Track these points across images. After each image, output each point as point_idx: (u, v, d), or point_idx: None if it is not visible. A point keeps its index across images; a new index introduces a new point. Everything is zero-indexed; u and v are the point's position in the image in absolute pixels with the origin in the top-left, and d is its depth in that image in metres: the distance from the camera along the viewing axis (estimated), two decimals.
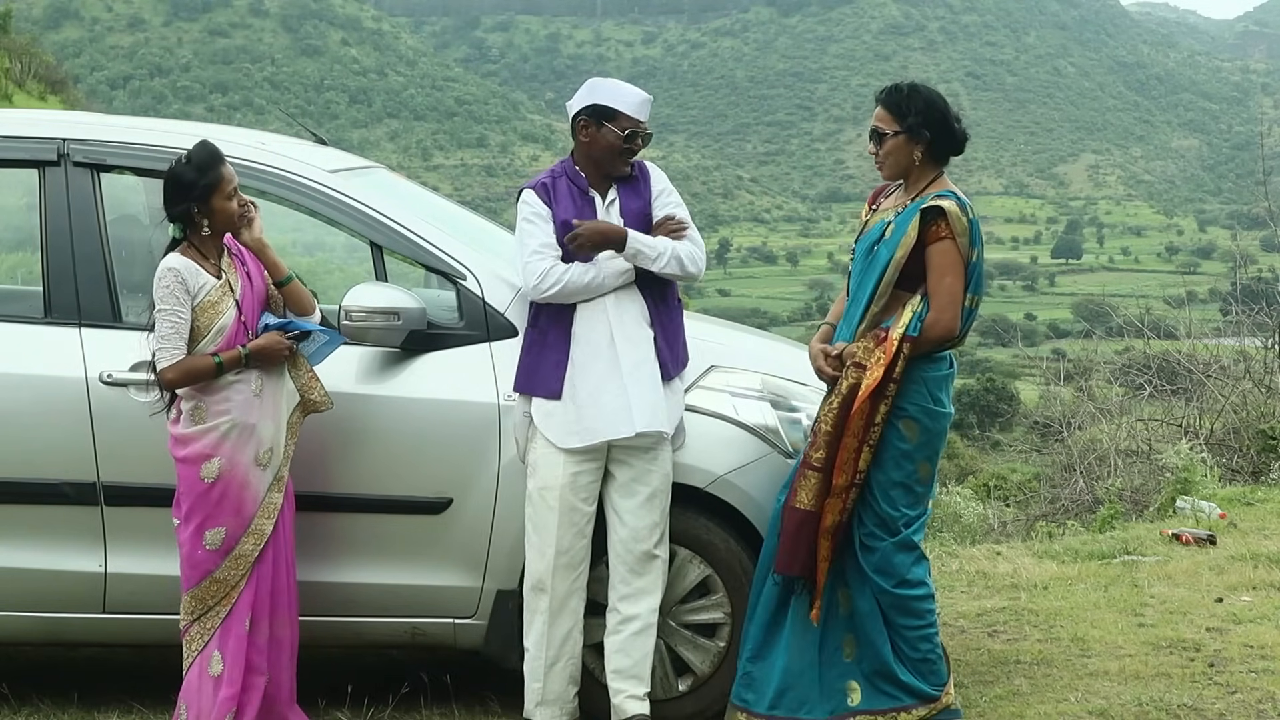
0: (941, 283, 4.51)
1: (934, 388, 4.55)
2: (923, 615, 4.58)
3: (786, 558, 4.52)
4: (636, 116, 4.64)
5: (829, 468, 4.49)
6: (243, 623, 4.44)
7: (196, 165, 4.43)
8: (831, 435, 4.49)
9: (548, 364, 4.60)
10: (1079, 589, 6.78)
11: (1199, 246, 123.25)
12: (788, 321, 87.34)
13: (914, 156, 4.61)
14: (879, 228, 4.66)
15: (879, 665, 4.56)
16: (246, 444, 4.44)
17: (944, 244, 4.51)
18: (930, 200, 4.55)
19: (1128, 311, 14.60)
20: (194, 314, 4.43)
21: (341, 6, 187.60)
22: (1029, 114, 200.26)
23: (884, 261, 4.56)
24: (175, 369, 4.39)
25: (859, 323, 4.59)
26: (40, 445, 4.76)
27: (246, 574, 4.45)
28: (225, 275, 4.50)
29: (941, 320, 4.50)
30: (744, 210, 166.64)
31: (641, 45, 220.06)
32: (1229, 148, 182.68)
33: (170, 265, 4.42)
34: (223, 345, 4.43)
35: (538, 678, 4.64)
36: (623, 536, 4.62)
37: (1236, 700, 5.04)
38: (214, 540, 4.43)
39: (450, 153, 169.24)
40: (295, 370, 4.57)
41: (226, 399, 4.43)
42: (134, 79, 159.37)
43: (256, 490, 4.47)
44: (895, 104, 4.63)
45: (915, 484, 4.56)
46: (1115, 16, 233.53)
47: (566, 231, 4.60)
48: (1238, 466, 10.83)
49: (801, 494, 4.51)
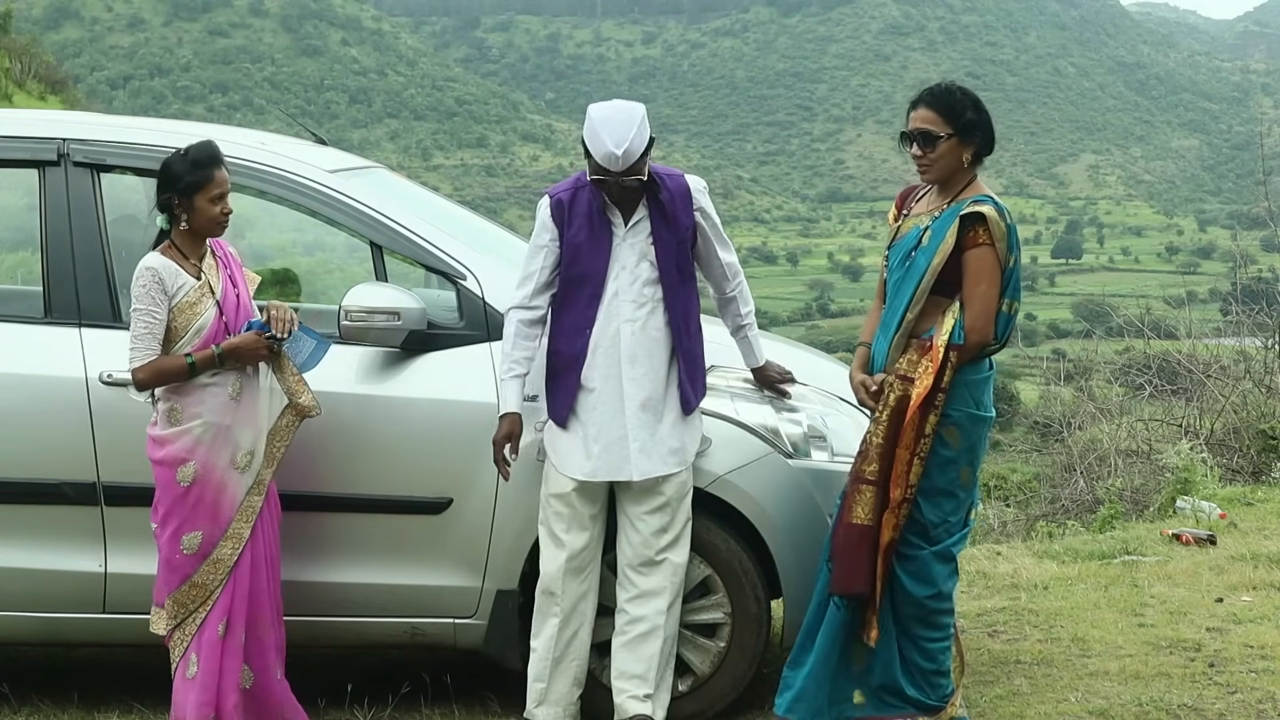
0: (976, 290, 4.43)
1: (975, 391, 4.49)
2: (944, 628, 4.56)
3: (846, 576, 4.44)
4: (605, 166, 4.44)
5: (883, 481, 4.44)
6: (215, 628, 4.43)
7: (191, 160, 4.42)
8: (884, 448, 4.43)
9: (560, 391, 4.59)
10: (1079, 589, 6.77)
11: (1199, 246, 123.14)
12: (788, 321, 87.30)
13: (964, 159, 4.50)
14: (915, 233, 4.55)
15: (887, 680, 4.54)
16: (223, 447, 4.42)
17: (981, 250, 4.42)
18: (968, 206, 4.45)
19: (1128, 311, 14.58)
20: (172, 314, 4.40)
21: (341, 6, 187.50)
22: (1029, 114, 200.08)
23: (922, 268, 4.46)
24: (146, 369, 4.38)
25: (895, 330, 4.52)
26: (40, 445, 4.76)
27: (225, 578, 4.43)
28: (205, 276, 4.48)
29: (976, 327, 4.43)
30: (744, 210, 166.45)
31: (641, 45, 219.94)
32: (1229, 148, 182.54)
33: (148, 264, 4.40)
34: (200, 346, 4.41)
35: (542, 678, 4.63)
36: (633, 540, 4.61)
37: (1236, 700, 5.04)
38: (191, 544, 4.42)
39: (450, 153, 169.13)
40: (280, 374, 4.53)
41: (201, 401, 4.41)
42: (134, 79, 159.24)
43: (234, 494, 4.44)
44: (948, 106, 4.48)
45: (958, 489, 4.52)
46: (1115, 16, 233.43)
47: (575, 251, 4.54)
48: (1238, 466, 10.82)
49: (858, 509, 4.45)
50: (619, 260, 4.58)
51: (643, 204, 4.62)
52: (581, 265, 4.57)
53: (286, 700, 4.60)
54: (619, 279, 4.58)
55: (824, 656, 4.55)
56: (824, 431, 4.90)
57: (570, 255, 4.58)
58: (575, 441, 4.56)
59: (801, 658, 4.61)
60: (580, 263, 4.57)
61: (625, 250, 4.59)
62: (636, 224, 4.60)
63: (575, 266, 4.58)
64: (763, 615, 4.84)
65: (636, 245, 4.59)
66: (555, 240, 4.60)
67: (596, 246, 4.57)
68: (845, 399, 4.97)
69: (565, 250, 4.59)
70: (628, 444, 4.53)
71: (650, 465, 4.55)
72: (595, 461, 4.54)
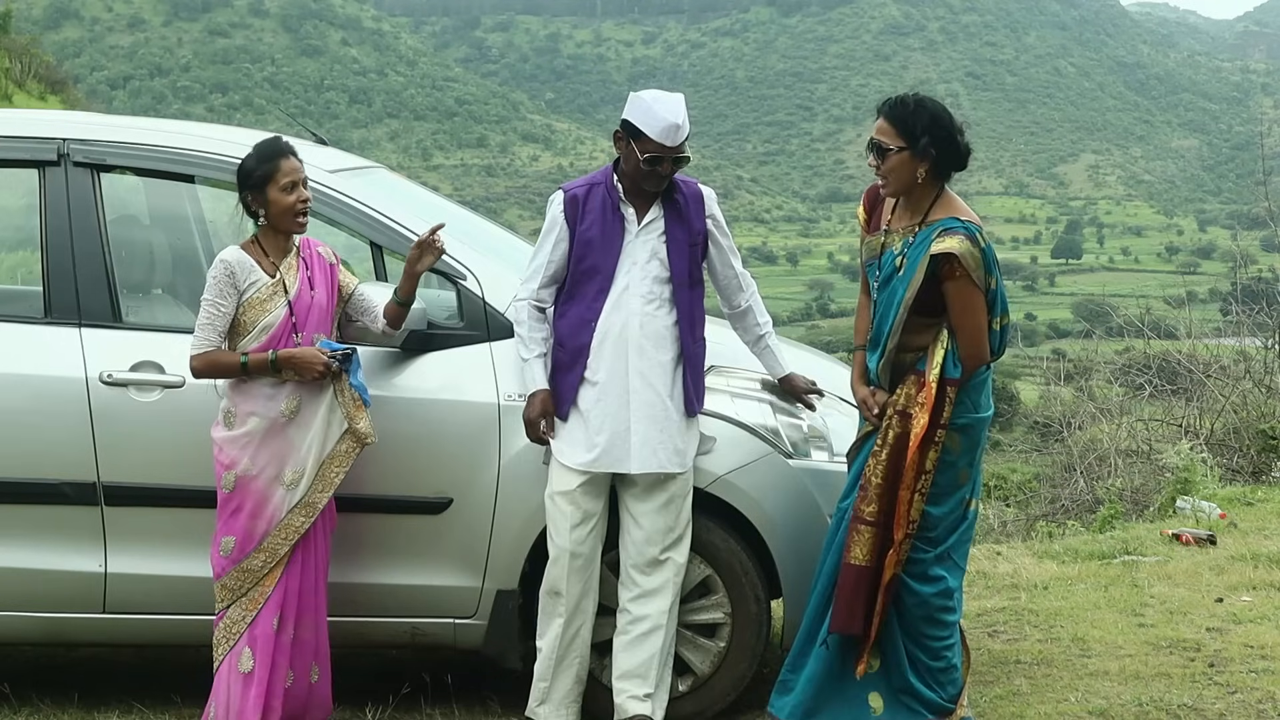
0: (963, 321, 4.40)
1: (974, 395, 4.47)
2: (949, 626, 4.56)
3: (845, 616, 4.44)
4: (661, 141, 4.49)
5: (884, 521, 4.42)
6: (270, 622, 4.44)
7: (258, 154, 4.48)
8: (882, 488, 4.41)
9: (565, 384, 4.60)
10: (1079, 589, 6.77)
11: (1199, 246, 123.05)
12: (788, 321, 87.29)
13: (917, 174, 4.43)
14: (890, 258, 4.51)
15: (903, 682, 4.54)
16: (268, 462, 4.43)
17: (959, 283, 4.36)
18: (935, 244, 4.36)
19: (1128, 311, 14.58)
20: (241, 308, 4.43)
21: (341, 6, 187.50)
22: (1029, 114, 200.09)
23: (900, 296, 4.43)
24: (202, 358, 4.43)
25: (881, 353, 4.50)
26: (40, 445, 4.76)
27: (257, 583, 4.44)
28: (281, 275, 4.49)
29: (970, 355, 4.41)
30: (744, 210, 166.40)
31: (641, 45, 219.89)
32: (1229, 148, 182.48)
33: (223, 257, 4.45)
34: (265, 344, 4.43)
35: (545, 677, 4.64)
36: (636, 539, 4.62)
37: (1236, 700, 5.04)
38: (226, 547, 4.45)
39: (450, 153, 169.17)
40: (342, 397, 4.51)
41: (252, 412, 4.43)
42: (134, 79, 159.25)
43: (275, 509, 4.44)
44: (900, 118, 4.41)
45: (957, 487, 4.52)
46: (1115, 16, 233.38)
47: (586, 246, 4.56)
48: (1238, 466, 10.82)
49: (856, 550, 4.43)
50: (630, 256, 4.60)
51: (657, 204, 4.64)
52: (592, 259, 4.59)
53: (315, 701, 4.60)
54: (629, 274, 4.59)
55: (824, 657, 4.55)
56: (824, 431, 4.90)
57: (581, 250, 4.60)
58: (578, 433, 4.57)
59: (801, 661, 4.62)
60: (591, 257, 4.59)
61: (638, 247, 4.60)
62: (650, 222, 4.63)
63: (586, 261, 4.60)
64: (763, 615, 4.84)
65: (649, 243, 4.61)
66: (566, 235, 4.61)
67: (608, 242, 4.59)
68: (845, 399, 4.97)
69: (576, 245, 4.60)
70: (630, 436, 4.54)
71: (652, 460, 4.55)
72: (597, 452, 4.55)
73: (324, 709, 4.63)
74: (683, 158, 4.57)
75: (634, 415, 4.55)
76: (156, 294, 5.42)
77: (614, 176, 4.65)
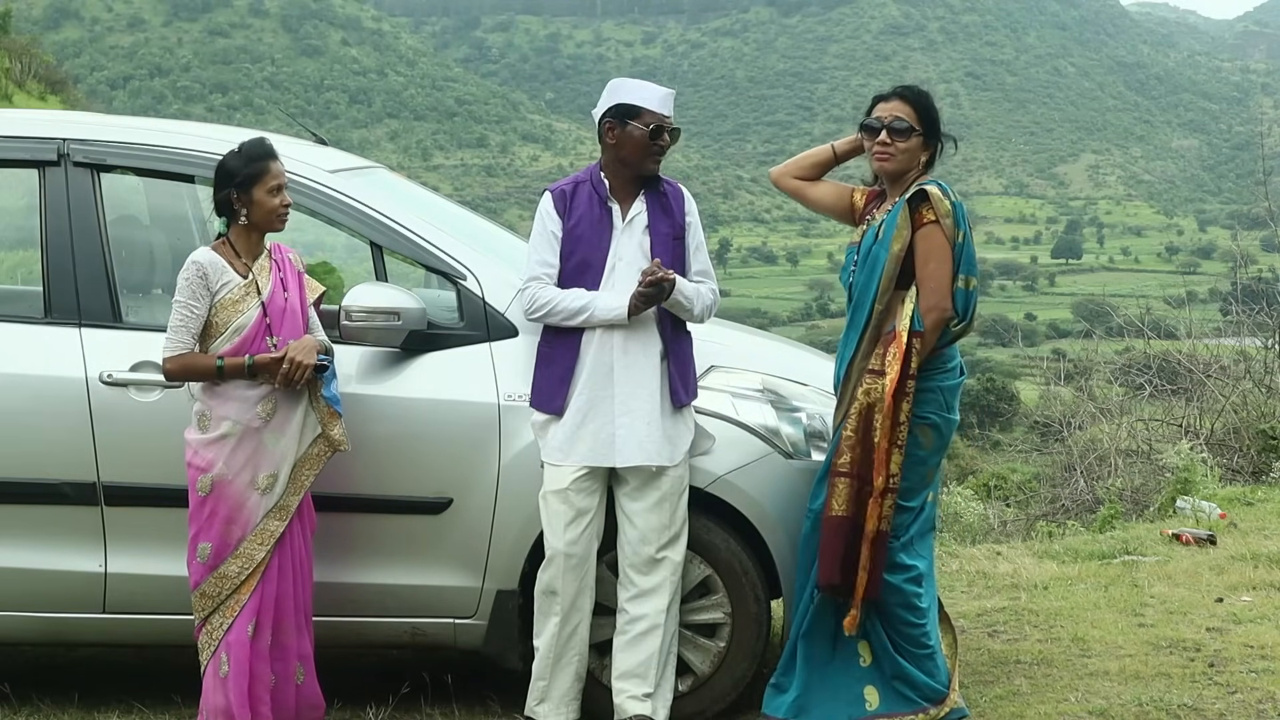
0: (927, 268, 4.54)
1: (948, 396, 4.64)
2: (923, 612, 4.65)
3: (828, 567, 4.53)
4: (660, 111, 4.63)
5: (859, 473, 4.52)
6: (245, 628, 4.42)
7: (245, 154, 4.46)
8: (853, 439, 4.53)
9: (551, 380, 4.62)
10: (1079, 589, 6.78)
11: (1199, 246, 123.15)
12: (788, 321, 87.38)
13: (921, 160, 4.65)
14: (870, 232, 4.69)
15: (897, 670, 4.61)
16: (244, 466, 4.41)
17: (928, 228, 4.55)
18: (913, 188, 4.58)
19: (1128, 311, 14.59)
20: (214, 310, 4.42)
21: (341, 6, 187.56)
22: (1029, 114, 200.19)
23: (882, 260, 4.58)
24: (176, 361, 4.40)
25: (864, 325, 4.59)
26: (40, 445, 4.76)
27: (234, 591, 4.42)
28: (254, 276, 4.48)
29: (932, 304, 4.52)
30: (744, 210, 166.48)
31: (641, 45, 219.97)
32: (1229, 148, 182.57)
33: (195, 259, 4.42)
34: (238, 346, 4.41)
35: (544, 675, 4.64)
36: (631, 539, 4.62)
37: (1236, 700, 5.04)
38: (203, 553, 4.43)
39: (450, 153, 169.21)
40: (317, 402, 4.52)
41: (226, 415, 4.41)
42: (134, 79, 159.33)
43: (250, 514, 4.43)
44: (924, 105, 4.65)
45: (922, 485, 4.66)
46: (1115, 16, 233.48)
47: (576, 242, 4.60)
48: (1238, 466, 10.83)
49: (834, 501, 4.54)
50: (617, 252, 4.64)
51: (641, 198, 4.69)
52: (581, 254, 4.63)
53: (305, 703, 4.59)
54: (615, 270, 4.63)
55: (815, 653, 4.63)
56: (824, 431, 4.90)
57: (570, 246, 4.64)
58: (564, 429, 4.58)
59: (792, 663, 4.69)
60: (580, 252, 4.63)
61: (624, 242, 4.65)
62: (634, 218, 4.67)
63: (575, 256, 4.64)
64: (763, 615, 4.84)
65: (634, 238, 4.66)
66: (558, 230, 4.64)
67: (597, 237, 4.64)
68: None
69: (566, 241, 4.64)
70: (615, 431, 4.56)
71: (639, 453, 4.56)
72: (583, 447, 4.56)
73: (316, 708, 4.62)
74: (677, 129, 4.72)
75: (619, 410, 4.57)
76: (156, 294, 5.41)
77: (600, 173, 4.70)
